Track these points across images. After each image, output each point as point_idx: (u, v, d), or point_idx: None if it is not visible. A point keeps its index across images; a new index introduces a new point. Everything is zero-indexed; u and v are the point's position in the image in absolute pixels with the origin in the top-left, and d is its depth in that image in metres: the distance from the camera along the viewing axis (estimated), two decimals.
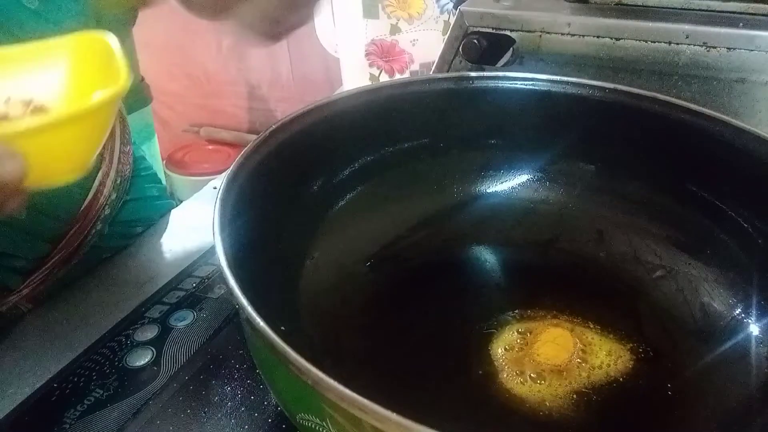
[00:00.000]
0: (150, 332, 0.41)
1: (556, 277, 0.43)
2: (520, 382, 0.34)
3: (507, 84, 0.45)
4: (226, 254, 0.27)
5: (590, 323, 0.38)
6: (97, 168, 0.45)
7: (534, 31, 0.56)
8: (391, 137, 0.44)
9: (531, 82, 0.44)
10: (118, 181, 0.48)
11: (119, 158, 0.48)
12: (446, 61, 0.60)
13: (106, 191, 0.46)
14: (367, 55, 0.94)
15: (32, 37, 0.37)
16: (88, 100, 0.27)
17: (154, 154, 1.26)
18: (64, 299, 0.45)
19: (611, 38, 0.53)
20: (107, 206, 0.47)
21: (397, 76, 0.94)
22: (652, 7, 0.56)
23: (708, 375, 0.35)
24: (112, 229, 0.49)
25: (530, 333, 0.37)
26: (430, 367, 0.36)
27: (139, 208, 0.54)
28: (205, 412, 0.35)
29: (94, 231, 0.46)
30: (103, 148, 0.47)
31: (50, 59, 0.31)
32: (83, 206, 0.44)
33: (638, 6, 0.57)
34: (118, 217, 0.50)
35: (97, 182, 0.45)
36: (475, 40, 0.57)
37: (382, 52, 0.94)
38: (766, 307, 0.37)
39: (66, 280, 0.46)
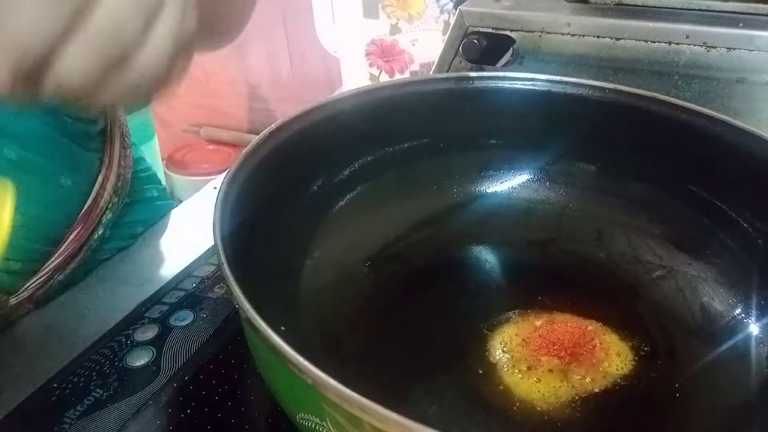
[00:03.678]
0: (150, 332, 0.41)
1: (556, 277, 0.43)
2: (521, 381, 0.34)
3: (507, 84, 0.45)
4: (226, 254, 0.27)
5: (590, 323, 0.38)
6: (96, 171, 0.45)
7: (534, 31, 0.56)
8: (391, 137, 0.44)
9: (531, 82, 0.44)
10: (119, 185, 0.48)
11: (119, 161, 0.48)
12: (446, 61, 0.60)
13: (106, 195, 0.46)
14: (367, 55, 0.95)
15: None
16: None
17: (154, 154, 1.26)
18: (64, 299, 0.45)
19: (611, 38, 0.53)
20: (108, 210, 0.46)
21: (397, 76, 0.94)
22: (652, 7, 0.56)
23: (708, 375, 0.35)
24: (113, 232, 0.49)
25: (530, 333, 0.37)
26: (430, 367, 0.36)
27: (140, 209, 0.54)
28: (205, 412, 0.35)
29: (96, 235, 0.46)
30: (102, 152, 0.47)
31: None
32: (83, 210, 0.44)
33: (638, 6, 0.57)
34: (119, 220, 0.50)
35: (97, 186, 0.45)
36: (475, 40, 0.57)
37: (382, 52, 0.94)
38: (766, 307, 0.37)
39: (66, 282, 0.46)
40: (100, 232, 0.46)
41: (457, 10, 0.59)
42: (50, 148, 0.41)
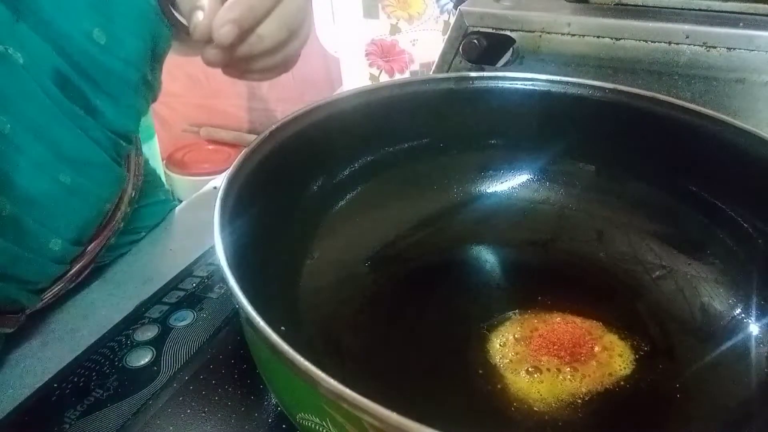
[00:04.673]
0: (150, 332, 0.41)
1: (556, 277, 0.43)
2: (520, 381, 0.34)
3: (507, 84, 0.45)
4: (226, 254, 0.27)
5: (590, 323, 0.38)
6: (122, 188, 0.45)
7: (534, 31, 0.56)
8: (391, 137, 0.44)
9: (531, 82, 0.44)
10: (133, 194, 0.48)
11: (134, 171, 0.48)
12: (446, 61, 0.60)
13: (123, 207, 0.46)
14: (367, 55, 0.95)
15: (102, 73, 0.38)
16: None
17: (154, 154, 1.26)
18: (65, 299, 0.45)
19: (611, 38, 0.53)
20: (122, 220, 0.47)
21: (397, 76, 0.94)
22: (652, 7, 0.56)
23: (708, 375, 0.35)
24: (118, 239, 0.49)
25: (530, 333, 0.37)
26: (430, 367, 0.36)
27: (146, 214, 0.53)
28: (205, 412, 0.35)
29: (107, 244, 0.46)
30: (128, 168, 0.47)
31: None
32: (102, 224, 0.44)
33: (638, 6, 0.57)
34: (126, 226, 0.50)
35: (116, 199, 0.45)
36: (475, 40, 0.57)
37: (382, 52, 0.94)
38: (766, 307, 0.37)
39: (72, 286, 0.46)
40: (111, 241, 0.46)
41: (457, 10, 0.59)
42: (102, 173, 0.41)
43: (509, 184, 0.47)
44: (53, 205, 0.39)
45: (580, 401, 0.33)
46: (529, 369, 0.35)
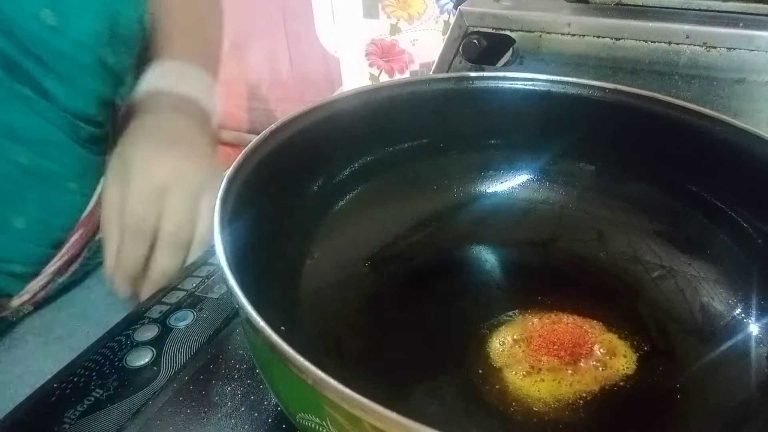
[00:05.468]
0: (150, 332, 0.41)
1: (556, 277, 0.43)
2: (521, 381, 0.34)
3: (507, 84, 0.45)
4: (226, 254, 0.27)
5: (590, 323, 0.38)
6: (99, 175, 0.45)
7: (534, 31, 0.56)
8: (391, 137, 0.44)
9: (531, 82, 0.44)
10: None
11: None
12: (446, 61, 0.60)
13: None
14: (367, 55, 0.95)
15: (52, 54, 0.37)
16: None
17: None
18: (64, 299, 0.45)
19: (611, 38, 0.53)
20: None
21: (397, 76, 0.94)
22: (652, 7, 0.56)
23: (708, 375, 0.35)
24: None
25: (530, 333, 0.37)
26: (430, 367, 0.36)
27: None
28: (205, 412, 0.35)
29: (96, 237, 0.46)
30: (106, 154, 0.46)
31: None
32: (86, 213, 0.44)
33: (638, 6, 0.57)
34: None
35: (99, 188, 0.45)
36: (475, 40, 0.57)
37: (382, 52, 0.94)
38: (766, 307, 0.37)
39: (66, 283, 0.46)
40: (101, 234, 0.46)
41: (457, 10, 0.59)
42: (61, 153, 0.41)
43: (509, 184, 0.47)
44: (11, 185, 0.39)
45: (580, 401, 0.33)
46: (529, 369, 0.35)
